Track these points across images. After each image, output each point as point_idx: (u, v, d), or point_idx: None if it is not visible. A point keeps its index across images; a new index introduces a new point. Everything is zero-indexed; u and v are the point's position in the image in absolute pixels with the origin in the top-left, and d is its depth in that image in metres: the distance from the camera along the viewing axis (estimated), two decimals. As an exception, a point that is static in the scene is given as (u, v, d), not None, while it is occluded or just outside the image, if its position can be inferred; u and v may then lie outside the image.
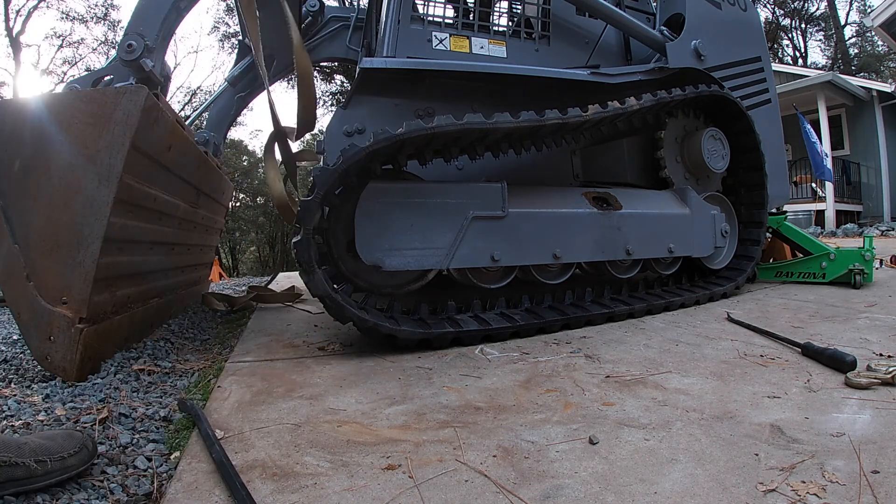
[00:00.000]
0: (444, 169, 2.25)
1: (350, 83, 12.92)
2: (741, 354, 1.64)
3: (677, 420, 1.14)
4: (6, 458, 0.82)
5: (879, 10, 9.41)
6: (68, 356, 1.47)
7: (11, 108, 1.56)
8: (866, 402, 1.19)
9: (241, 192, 20.54)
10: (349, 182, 1.90)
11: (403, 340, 1.83)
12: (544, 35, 2.63)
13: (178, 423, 1.23)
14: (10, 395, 1.34)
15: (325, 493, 0.89)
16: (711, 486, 0.85)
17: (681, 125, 2.84)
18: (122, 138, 1.52)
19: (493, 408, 1.27)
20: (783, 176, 3.32)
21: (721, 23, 2.93)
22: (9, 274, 1.49)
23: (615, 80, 2.46)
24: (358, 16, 3.63)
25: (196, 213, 2.57)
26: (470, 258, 1.99)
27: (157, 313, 2.24)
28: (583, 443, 1.05)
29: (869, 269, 2.81)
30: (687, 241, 2.56)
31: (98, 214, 1.50)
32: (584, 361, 1.65)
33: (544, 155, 2.53)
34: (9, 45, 16.99)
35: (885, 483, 0.83)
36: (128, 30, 2.12)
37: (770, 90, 3.19)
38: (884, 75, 17.38)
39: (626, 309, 2.27)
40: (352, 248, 1.89)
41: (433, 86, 2.38)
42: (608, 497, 0.84)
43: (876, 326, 1.92)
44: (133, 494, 0.92)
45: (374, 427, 1.18)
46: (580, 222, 2.25)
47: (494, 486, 0.89)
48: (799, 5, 20.43)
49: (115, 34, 17.54)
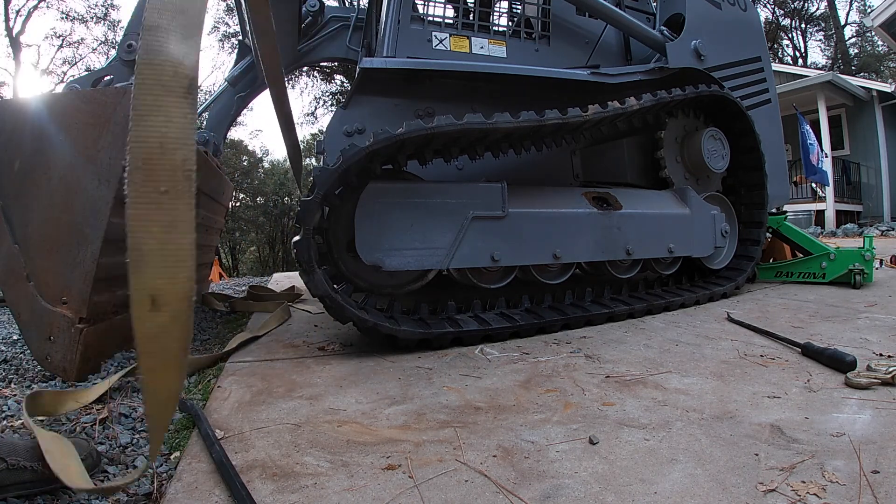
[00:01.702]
0: (444, 169, 2.25)
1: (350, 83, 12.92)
2: (741, 354, 1.64)
3: (677, 420, 1.14)
4: (15, 461, 0.83)
5: (879, 10, 9.41)
6: (68, 356, 1.47)
7: (11, 108, 1.57)
8: (866, 402, 1.19)
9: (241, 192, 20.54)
10: (349, 182, 1.90)
11: (403, 340, 1.83)
12: (544, 35, 2.63)
13: (178, 423, 1.23)
14: (10, 395, 1.34)
15: (325, 493, 0.89)
16: (711, 486, 0.85)
17: (681, 125, 2.84)
18: (122, 138, 1.52)
19: (493, 408, 1.27)
20: (783, 176, 3.32)
21: (721, 23, 2.93)
22: (9, 274, 1.49)
23: (615, 80, 2.46)
24: (358, 16, 3.63)
25: (196, 213, 2.57)
26: (470, 258, 1.99)
27: (157, 313, 2.24)
28: (583, 443, 1.05)
29: (869, 269, 2.81)
30: (687, 241, 2.56)
31: (98, 214, 1.50)
32: (584, 361, 1.65)
33: (544, 155, 2.53)
34: (9, 45, 17.01)
35: (885, 483, 0.83)
36: (128, 30, 2.12)
37: (770, 90, 3.19)
38: (884, 75, 17.38)
39: (626, 309, 2.27)
40: (352, 248, 1.88)
41: (433, 86, 2.38)
42: (608, 497, 0.84)
43: (876, 326, 1.92)
44: (133, 494, 0.92)
45: (374, 427, 1.18)
46: (580, 222, 2.25)
47: (494, 486, 0.89)
48: (799, 5, 20.43)
49: (115, 34, 17.54)
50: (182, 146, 0.61)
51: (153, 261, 0.61)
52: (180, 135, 0.61)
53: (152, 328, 0.62)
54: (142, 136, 0.60)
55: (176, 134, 0.61)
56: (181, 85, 0.61)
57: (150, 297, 0.61)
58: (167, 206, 0.61)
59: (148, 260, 0.61)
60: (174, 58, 0.61)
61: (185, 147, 0.62)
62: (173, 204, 0.62)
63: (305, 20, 3.51)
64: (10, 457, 0.83)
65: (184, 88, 0.62)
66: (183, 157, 0.61)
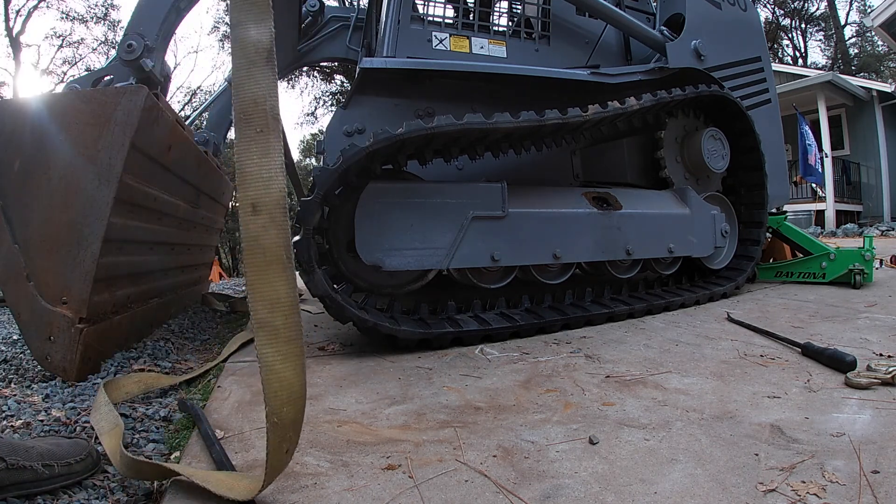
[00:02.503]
0: (444, 169, 2.25)
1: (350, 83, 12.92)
2: (741, 354, 1.64)
3: (677, 420, 1.14)
4: (14, 461, 0.83)
5: (879, 10, 9.41)
6: (68, 356, 1.47)
7: (11, 108, 1.56)
8: (866, 402, 1.19)
9: (242, 192, 20.47)
10: (349, 182, 1.90)
11: (403, 340, 1.83)
12: (544, 35, 2.63)
13: (178, 423, 1.23)
14: (10, 395, 1.34)
15: (325, 493, 0.89)
16: (711, 486, 0.85)
17: (681, 125, 2.84)
18: (122, 138, 1.52)
19: (493, 408, 1.27)
20: (783, 176, 3.32)
21: (721, 23, 2.93)
22: (9, 274, 1.49)
23: (615, 80, 2.46)
24: (358, 16, 3.63)
25: (196, 213, 2.57)
26: (470, 258, 1.99)
27: (157, 313, 2.24)
28: (583, 443, 1.05)
29: (869, 269, 2.81)
30: (687, 241, 2.56)
31: (98, 214, 1.50)
32: (584, 361, 1.65)
33: (544, 155, 2.53)
34: (9, 45, 16.99)
35: (885, 483, 0.83)
36: (128, 30, 2.11)
37: (770, 90, 3.19)
38: (884, 75, 17.38)
39: (626, 309, 2.27)
40: (352, 248, 1.89)
41: (433, 86, 2.38)
42: (608, 497, 0.84)
43: (876, 326, 1.92)
44: (133, 494, 0.92)
45: (374, 427, 1.18)
46: (580, 222, 2.25)
47: (494, 486, 0.89)
48: (799, 5, 20.43)
49: (115, 34, 17.53)
50: (269, 98, 0.83)
51: (253, 178, 0.81)
52: (267, 91, 0.83)
53: (255, 228, 0.80)
54: (240, 97, 0.83)
55: (263, 91, 0.83)
56: (262, 57, 0.84)
57: (251, 204, 0.80)
58: (261, 141, 0.82)
59: (249, 178, 0.81)
60: (254, 40, 0.84)
61: (270, 98, 0.84)
62: (265, 138, 0.82)
63: (305, 20, 3.51)
64: (9, 457, 0.83)
65: (264, 59, 0.84)
66: (270, 105, 0.83)
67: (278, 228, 0.81)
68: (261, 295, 0.80)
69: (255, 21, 0.85)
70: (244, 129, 0.82)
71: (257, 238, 0.80)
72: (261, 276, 0.80)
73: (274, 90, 0.85)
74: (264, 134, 0.82)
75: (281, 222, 0.81)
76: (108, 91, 1.62)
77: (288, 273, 0.82)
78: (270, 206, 0.81)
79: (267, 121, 0.83)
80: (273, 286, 0.80)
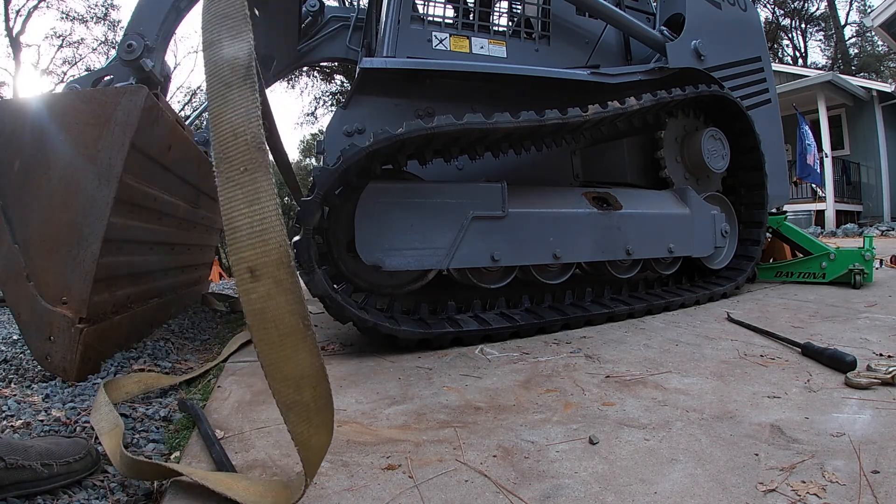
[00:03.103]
0: (444, 169, 2.25)
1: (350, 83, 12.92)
2: (741, 354, 1.64)
3: (677, 420, 1.14)
4: (13, 460, 0.83)
5: (879, 10, 9.41)
6: (68, 356, 1.47)
7: (11, 108, 1.56)
8: (866, 402, 1.19)
9: (241, 192, 20.47)
10: (349, 182, 1.90)
11: (403, 340, 1.83)
12: (544, 35, 2.63)
13: (178, 423, 1.23)
14: (10, 395, 1.34)
15: (326, 493, 0.89)
16: (711, 486, 0.85)
17: (681, 125, 2.84)
18: (122, 138, 1.52)
19: (493, 408, 1.27)
20: (783, 176, 3.32)
21: (721, 23, 2.93)
22: (9, 274, 1.49)
23: (615, 80, 2.46)
24: (358, 16, 3.63)
25: (196, 213, 2.57)
26: (470, 258, 1.99)
27: (157, 313, 2.24)
28: (583, 443, 1.05)
29: (869, 269, 2.81)
30: (687, 241, 2.56)
31: (98, 214, 1.50)
32: (584, 361, 1.65)
33: (544, 155, 2.53)
34: (9, 45, 16.99)
35: (885, 483, 0.83)
36: (128, 30, 2.11)
37: (770, 90, 3.19)
38: (884, 75, 17.38)
39: (626, 309, 2.27)
40: (352, 248, 1.88)
41: (433, 86, 2.38)
42: (608, 497, 0.84)
43: (876, 326, 1.92)
44: (133, 494, 0.92)
45: (374, 427, 1.18)
46: (580, 222, 2.25)
47: (494, 486, 0.89)
48: (799, 5, 20.43)
49: (115, 34, 17.53)
50: (249, 125, 0.70)
51: (244, 235, 0.67)
52: (246, 117, 0.70)
53: (257, 299, 0.66)
54: (218, 130, 0.70)
55: (242, 117, 0.70)
56: (238, 76, 0.71)
57: (247, 268, 0.66)
58: (247, 183, 0.68)
59: (239, 235, 0.67)
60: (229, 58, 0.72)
61: (251, 125, 0.70)
62: (252, 179, 0.69)
63: (305, 20, 3.51)
64: (8, 456, 0.83)
65: (241, 78, 0.71)
66: (252, 134, 0.70)
67: (286, 293, 0.67)
68: (281, 374, 0.67)
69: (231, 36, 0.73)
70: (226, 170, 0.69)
71: (263, 311, 0.66)
72: (277, 353, 0.67)
73: (255, 113, 0.72)
74: (250, 173, 0.69)
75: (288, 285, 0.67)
76: (108, 91, 1.62)
77: (309, 340, 0.69)
78: (271, 268, 0.66)
79: (251, 155, 0.70)
80: (294, 361, 0.68)
